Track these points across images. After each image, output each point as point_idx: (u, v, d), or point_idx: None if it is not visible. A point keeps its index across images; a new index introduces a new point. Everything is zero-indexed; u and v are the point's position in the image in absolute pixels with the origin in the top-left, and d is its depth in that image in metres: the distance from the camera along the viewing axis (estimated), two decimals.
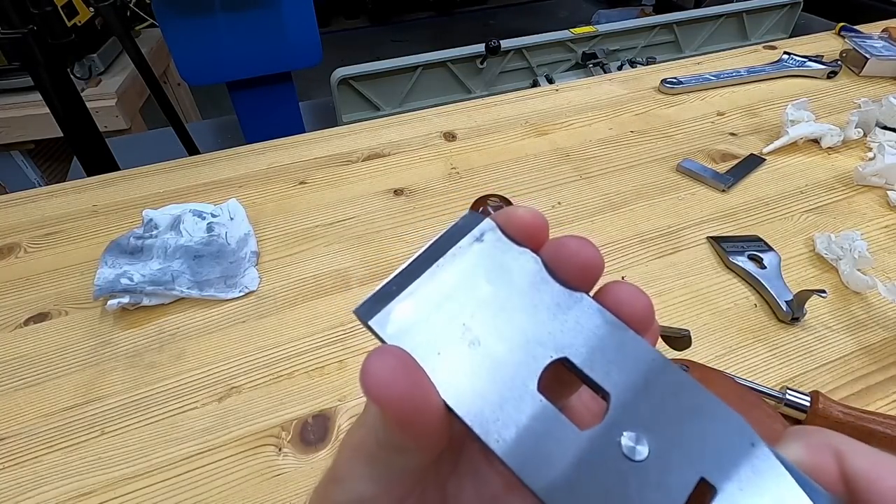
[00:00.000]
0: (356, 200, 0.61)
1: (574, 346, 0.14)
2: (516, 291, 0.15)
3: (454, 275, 0.15)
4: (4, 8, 0.76)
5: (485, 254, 0.15)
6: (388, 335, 0.14)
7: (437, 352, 0.14)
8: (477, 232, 0.16)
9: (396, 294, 0.15)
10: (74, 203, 0.62)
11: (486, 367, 0.14)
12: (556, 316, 0.14)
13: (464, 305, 0.15)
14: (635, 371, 0.14)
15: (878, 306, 0.47)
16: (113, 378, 0.44)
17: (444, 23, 3.49)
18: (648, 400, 0.14)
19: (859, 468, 0.13)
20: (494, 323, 0.14)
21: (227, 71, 1.04)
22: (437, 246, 0.15)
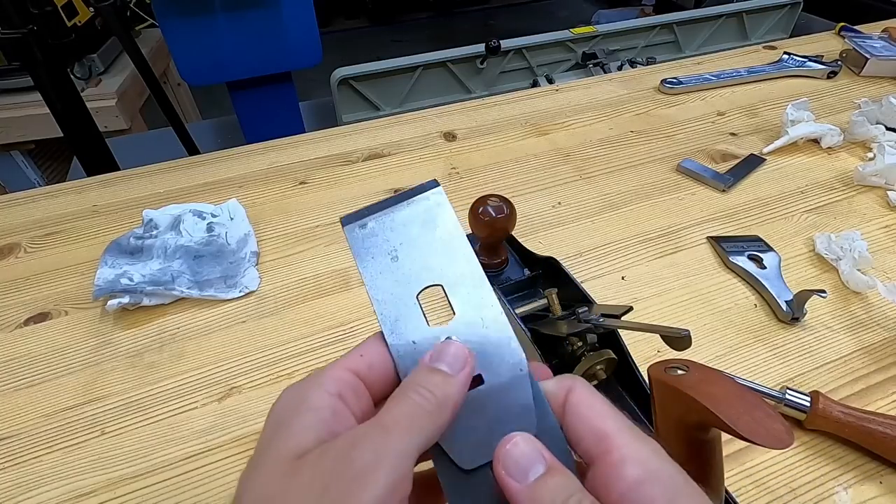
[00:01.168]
0: (356, 200, 0.61)
1: (448, 278, 0.22)
2: (433, 237, 0.22)
3: (403, 216, 0.23)
4: (4, 8, 0.76)
5: (426, 208, 0.23)
6: (351, 237, 0.22)
7: (372, 256, 0.22)
8: (428, 193, 0.23)
9: (367, 216, 0.23)
10: (74, 203, 0.62)
11: (395, 277, 0.22)
12: (450, 259, 0.22)
13: (399, 235, 0.22)
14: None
15: (878, 306, 0.47)
16: (113, 378, 0.44)
17: (444, 23, 3.49)
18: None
19: (575, 398, 0.20)
20: (409, 251, 0.22)
21: (227, 71, 1.04)
22: (402, 196, 0.23)
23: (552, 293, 0.42)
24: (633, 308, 0.38)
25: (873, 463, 0.36)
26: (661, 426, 0.28)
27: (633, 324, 0.36)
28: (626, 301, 0.48)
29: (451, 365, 0.21)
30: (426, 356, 0.21)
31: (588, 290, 0.42)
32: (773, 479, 0.36)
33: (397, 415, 0.19)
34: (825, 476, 0.36)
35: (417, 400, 0.20)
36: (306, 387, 0.21)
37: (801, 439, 0.38)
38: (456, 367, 0.21)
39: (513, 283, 0.44)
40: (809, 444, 0.38)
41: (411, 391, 0.20)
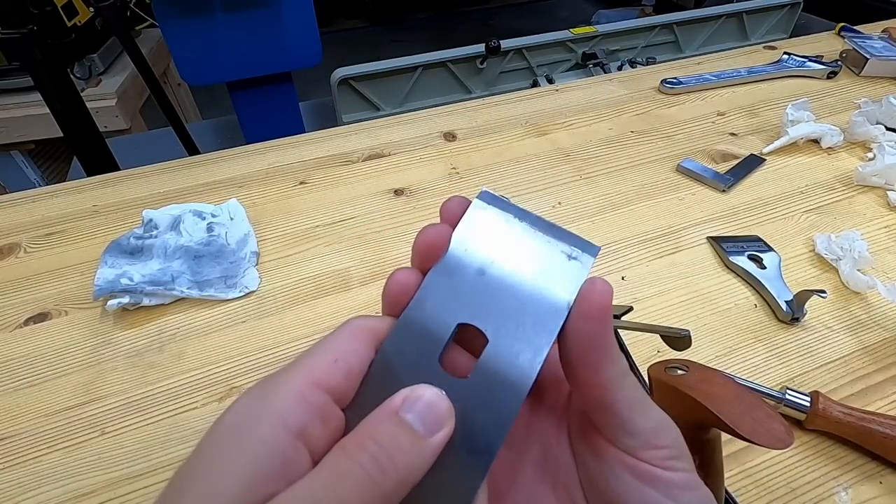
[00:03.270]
0: (356, 200, 0.61)
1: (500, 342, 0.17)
2: (533, 294, 0.18)
3: (533, 246, 0.19)
4: (4, 8, 0.76)
5: (558, 261, 0.18)
6: (472, 211, 0.19)
7: (466, 247, 0.18)
8: (576, 251, 0.19)
9: (506, 209, 0.19)
10: (74, 203, 0.62)
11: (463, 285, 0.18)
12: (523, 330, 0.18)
13: (510, 256, 0.18)
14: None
15: (878, 306, 0.47)
16: (113, 378, 0.44)
17: (444, 23, 3.49)
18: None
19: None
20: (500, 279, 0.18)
21: (227, 71, 1.04)
22: (554, 229, 0.19)
23: None
24: (633, 308, 0.38)
25: (873, 463, 0.36)
26: None
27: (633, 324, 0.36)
28: (626, 301, 0.48)
29: (424, 421, 0.16)
30: (397, 396, 0.16)
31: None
32: (773, 479, 0.36)
33: (340, 495, 0.14)
34: (825, 476, 0.36)
35: (371, 472, 0.14)
36: (258, 410, 0.15)
37: (801, 439, 0.38)
38: (431, 426, 0.16)
39: None
40: (809, 444, 0.38)
41: (363, 453, 0.15)
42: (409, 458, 0.15)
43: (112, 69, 1.40)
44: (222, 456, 0.14)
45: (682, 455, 0.18)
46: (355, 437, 0.15)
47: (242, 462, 0.14)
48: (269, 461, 0.14)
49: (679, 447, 0.18)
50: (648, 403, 0.18)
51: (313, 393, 0.16)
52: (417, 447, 0.15)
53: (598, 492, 0.19)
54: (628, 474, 0.18)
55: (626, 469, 0.18)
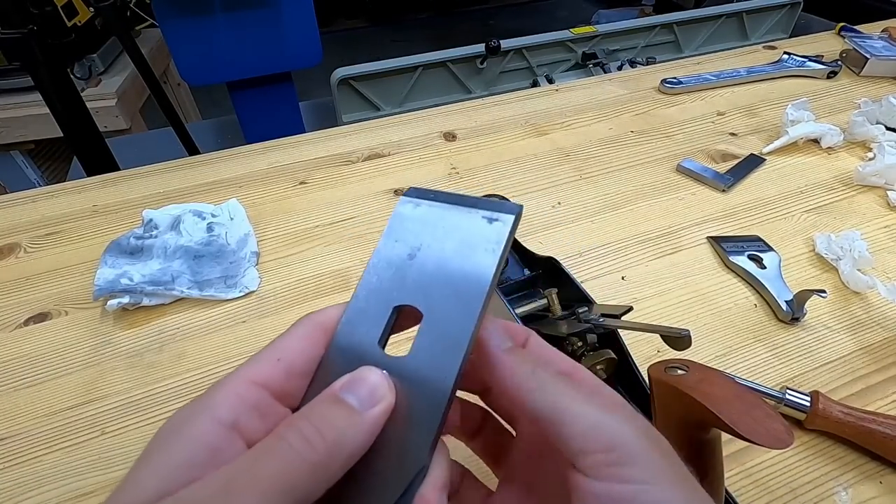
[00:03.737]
0: (356, 200, 0.61)
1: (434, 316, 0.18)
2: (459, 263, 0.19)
3: (455, 220, 0.19)
4: (4, 8, 0.76)
5: (480, 228, 0.19)
6: (399, 209, 0.21)
7: (396, 239, 0.20)
8: (498, 214, 0.19)
9: (428, 199, 0.20)
10: (74, 203, 0.62)
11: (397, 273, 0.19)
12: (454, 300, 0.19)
13: (434, 237, 0.19)
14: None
15: (878, 306, 0.47)
16: (113, 378, 0.44)
17: (444, 23, 3.49)
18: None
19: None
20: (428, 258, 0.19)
21: (227, 71, 1.04)
22: (475, 200, 0.20)
23: (552, 293, 0.42)
24: (633, 308, 0.38)
25: (873, 463, 0.36)
26: (662, 426, 0.28)
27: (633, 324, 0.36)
28: (626, 301, 0.48)
29: (362, 399, 0.16)
30: (338, 382, 0.17)
31: (588, 290, 0.42)
32: (773, 479, 0.36)
33: (259, 468, 0.14)
34: (825, 476, 0.36)
35: (296, 445, 0.15)
36: (195, 408, 0.17)
37: (801, 439, 0.38)
38: (367, 401, 0.16)
39: (513, 282, 0.44)
40: (809, 444, 0.38)
41: (291, 431, 0.15)
42: (341, 432, 0.16)
43: (112, 69, 1.40)
44: (154, 452, 0.15)
45: (634, 461, 0.16)
46: (288, 420, 0.16)
47: (167, 455, 0.15)
48: (194, 450, 0.15)
49: (628, 451, 0.16)
50: (575, 406, 0.17)
51: (249, 389, 0.17)
52: (351, 420, 0.16)
53: None
54: (581, 496, 0.16)
55: (581, 492, 0.16)
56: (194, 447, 0.15)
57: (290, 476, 0.14)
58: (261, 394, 0.17)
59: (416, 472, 0.17)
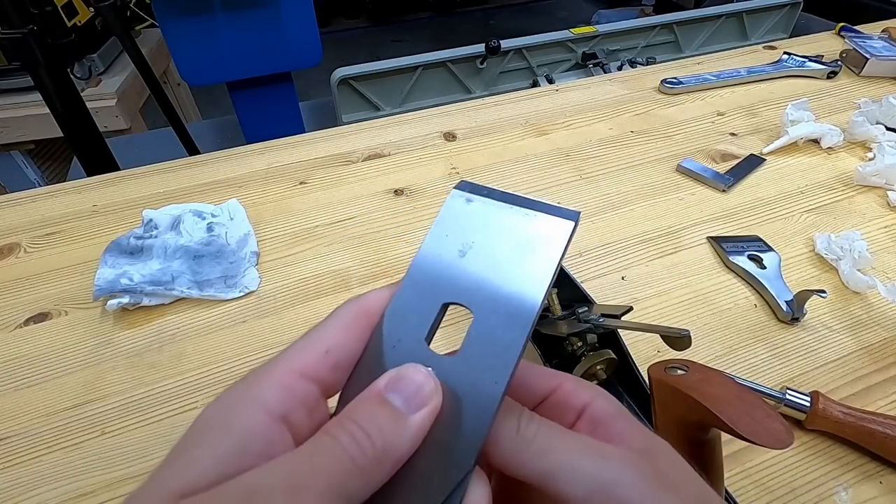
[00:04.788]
0: (356, 200, 0.61)
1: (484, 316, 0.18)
2: (515, 266, 0.18)
3: (510, 221, 0.19)
4: (4, 8, 0.76)
5: (537, 232, 0.19)
6: (449, 203, 0.20)
7: (447, 234, 0.19)
8: (555, 218, 0.19)
9: (482, 195, 0.19)
10: (74, 203, 0.62)
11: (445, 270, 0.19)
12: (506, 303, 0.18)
13: (488, 235, 0.19)
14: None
15: (878, 306, 0.47)
16: (113, 378, 0.44)
17: (444, 23, 3.49)
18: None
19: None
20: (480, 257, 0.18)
21: (227, 71, 1.04)
22: (532, 202, 0.19)
23: (552, 293, 0.42)
24: (633, 308, 0.38)
25: (873, 463, 0.36)
26: (662, 426, 0.28)
27: (633, 324, 0.36)
28: (626, 301, 0.48)
29: (408, 400, 0.16)
30: (382, 379, 0.17)
31: (588, 290, 0.42)
32: (773, 479, 0.36)
33: (318, 467, 0.14)
34: (825, 476, 0.36)
35: (349, 448, 0.15)
36: (241, 396, 0.16)
37: (801, 439, 0.38)
38: (413, 404, 0.16)
39: None
40: (809, 444, 0.38)
41: (343, 432, 0.15)
42: (388, 436, 0.15)
43: (112, 69, 1.40)
44: (206, 435, 0.15)
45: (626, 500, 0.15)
46: (338, 419, 0.16)
47: (224, 439, 0.15)
48: (248, 439, 0.15)
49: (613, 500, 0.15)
50: (569, 465, 0.16)
51: (298, 383, 0.16)
52: (397, 425, 0.16)
53: None
54: None
55: None
56: (248, 436, 0.15)
57: (343, 477, 0.14)
58: (309, 388, 0.17)
59: (461, 477, 0.16)
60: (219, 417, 0.16)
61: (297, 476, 0.14)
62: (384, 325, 0.18)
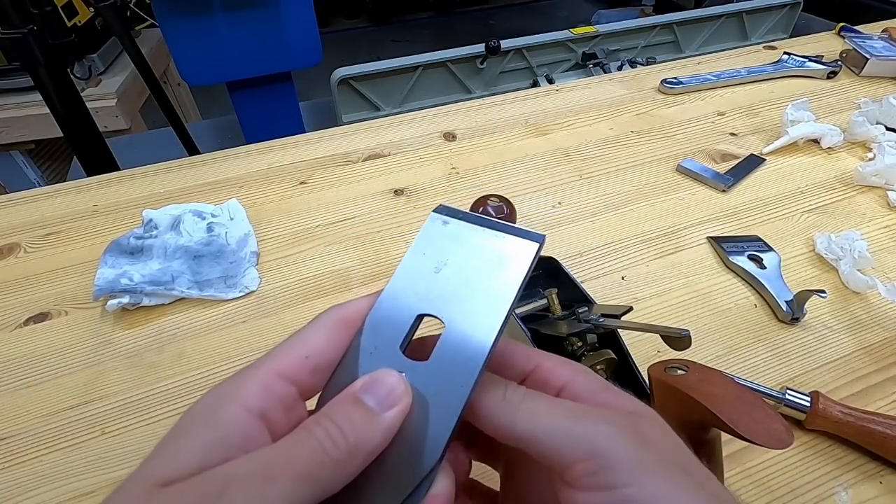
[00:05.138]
0: (356, 200, 0.61)
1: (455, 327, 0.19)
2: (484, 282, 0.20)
3: (482, 241, 0.21)
4: (4, 8, 0.76)
5: (506, 252, 0.20)
6: (428, 225, 0.21)
7: (424, 252, 0.21)
8: (522, 241, 0.20)
9: (457, 217, 0.21)
10: (74, 203, 0.62)
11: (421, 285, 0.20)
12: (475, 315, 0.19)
13: (460, 254, 0.20)
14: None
15: (878, 306, 0.47)
16: (113, 378, 0.44)
17: (444, 23, 3.49)
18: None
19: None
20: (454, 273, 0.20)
21: (227, 71, 1.04)
22: (501, 225, 0.21)
23: (552, 293, 0.42)
24: (633, 308, 0.38)
25: (873, 463, 0.36)
26: None
27: (633, 324, 0.36)
28: (626, 301, 0.48)
29: (380, 400, 0.17)
30: (358, 382, 0.18)
31: (588, 290, 0.42)
32: (773, 479, 0.36)
33: (292, 457, 0.16)
34: (825, 476, 0.36)
35: (323, 441, 0.16)
36: (224, 394, 0.17)
37: (801, 439, 0.38)
38: (385, 404, 0.17)
39: None
40: (809, 444, 0.38)
41: (318, 427, 0.16)
42: (360, 432, 0.17)
43: (112, 69, 1.40)
44: (190, 428, 0.16)
45: (608, 464, 0.16)
46: (314, 416, 0.17)
47: (206, 432, 0.16)
48: (229, 432, 0.16)
49: (601, 455, 0.16)
50: (552, 422, 0.17)
51: (277, 383, 0.18)
52: (370, 422, 0.17)
53: None
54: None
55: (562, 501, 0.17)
56: (229, 429, 0.16)
57: (316, 468, 0.16)
58: (288, 389, 0.18)
59: (425, 473, 0.17)
60: (204, 412, 0.17)
61: (272, 465, 0.15)
62: (363, 333, 0.20)
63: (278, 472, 0.15)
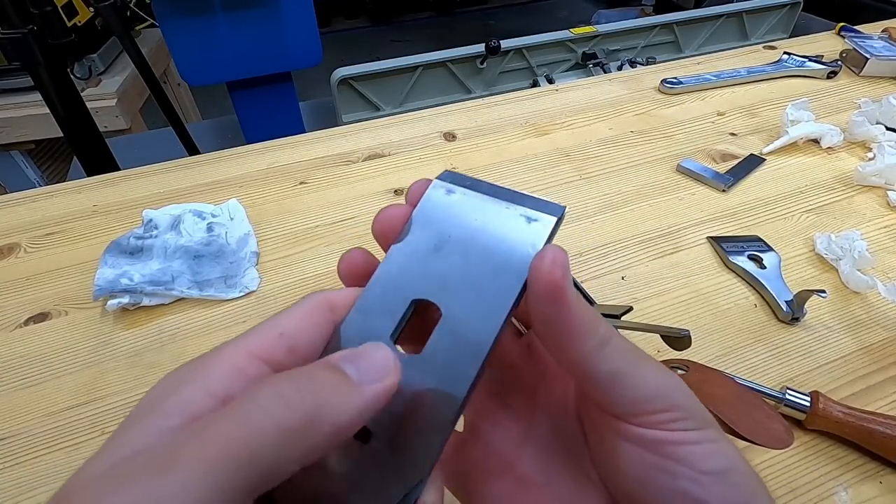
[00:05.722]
0: (356, 200, 0.61)
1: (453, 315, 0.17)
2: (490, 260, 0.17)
3: (491, 213, 0.18)
4: (4, 8, 0.76)
5: (520, 224, 0.18)
6: (428, 195, 0.19)
7: (422, 227, 0.18)
8: (539, 213, 0.18)
9: (464, 186, 0.19)
10: (74, 203, 0.62)
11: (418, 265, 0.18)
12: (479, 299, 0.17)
13: (465, 229, 0.18)
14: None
15: (878, 306, 0.47)
16: (113, 378, 0.44)
17: (444, 23, 3.49)
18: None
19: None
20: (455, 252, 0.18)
21: (227, 71, 1.04)
22: (516, 195, 0.18)
23: None
24: (633, 308, 0.38)
25: (873, 463, 0.36)
26: None
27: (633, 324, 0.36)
28: (626, 301, 0.48)
29: (362, 371, 0.15)
30: (337, 353, 0.15)
31: (588, 290, 0.42)
32: (773, 479, 0.36)
33: (213, 434, 0.12)
34: (825, 476, 0.36)
35: (266, 405, 0.13)
36: (186, 374, 0.15)
37: (801, 439, 0.38)
38: (368, 376, 0.15)
39: None
40: (809, 444, 0.38)
41: (265, 390, 0.13)
42: (326, 396, 0.14)
43: (112, 69, 1.40)
44: (137, 419, 0.14)
45: (689, 416, 0.17)
46: (268, 378, 0.14)
47: (153, 424, 0.13)
48: (182, 422, 0.13)
49: (684, 408, 0.17)
50: (636, 371, 0.17)
51: (249, 363, 0.15)
52: (343, 389, 0.14)
53: (603, 461, 0.19)
54: (623, 441, 0.17)
55: (620, 436, 0.17)
56: (183, 418, 0.14)
57: (251, 443, 0.12)
58: (260, 368, 0.15)
59: (414, 483, 0.15)
60: (157, 398, 0.14)
61: (181, 446, 0.12)
62: (349, 320, 0.18)
63: (188, 454, 0.11)
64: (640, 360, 0.17)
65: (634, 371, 0.17)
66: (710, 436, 0.17)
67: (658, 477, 0.17)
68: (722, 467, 0.17)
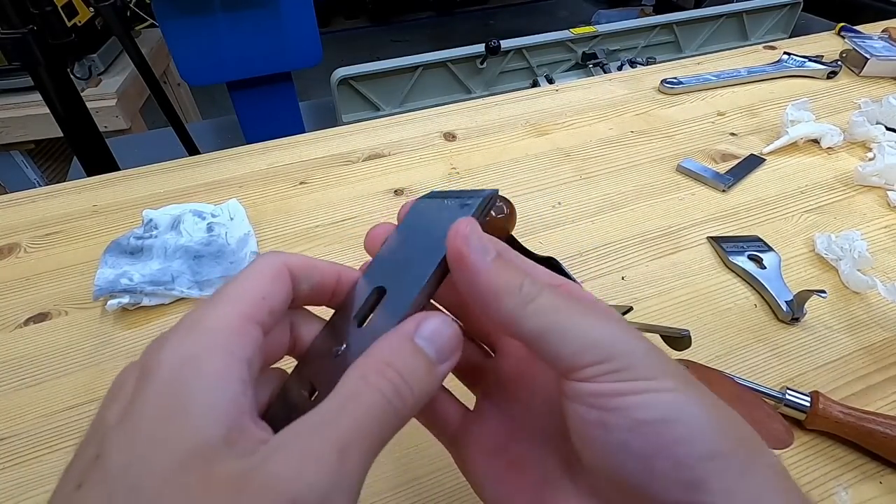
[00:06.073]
0: (356, 200, 0.61)
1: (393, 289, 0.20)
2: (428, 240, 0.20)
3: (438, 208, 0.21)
4: (4, 8, 0.76)
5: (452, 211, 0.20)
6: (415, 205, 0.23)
7: (398, 230, 0.23)
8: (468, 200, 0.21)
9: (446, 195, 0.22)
10: (74, 203, 0.62)
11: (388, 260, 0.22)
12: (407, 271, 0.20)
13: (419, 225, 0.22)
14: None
15: (878, 306, 0.47)
16: (113, 378, 0.44)
17: (444, 23, 3.49)
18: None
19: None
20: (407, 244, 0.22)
21: (227, 71, 1.04)
22: (460, 192, 0.22)
23: None
24: (633, 308, 0.38)
25: (873, 463, 0.36)
26: None
27: (633, 324, 0.36)
28: (626, 301, 0.48)
29: (440, 350, 0.16)
30: (409, 323, 0.17)
31: (588, 290, 0.42)
32: None
33: (360, 424, 0.14)
34: (825, 476, 0.36)
35: (390, 397, 0.15)
36: (199, 344, 0.15)
37: (801, 439, 0.38)
38: (443, 354, 0.16)
39: None
40: (809, 444, 0.38)
41: (381, 378, 0.15)
42: (424, 386, 0.16)
43: (112, 69, 1.40)
44: (186, 399, 0.14)
45: (628, 366, 0.15)
46: (373, 364, 0.16)
47: (207, 398, 0.14)
48: (230, 391, 0.14)
49: (623, 357, 0.15)
50: (568, 325, 0.16)
51: (251, 327, 0.16)
52: (431, 375, 0.16)
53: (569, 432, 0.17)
54: (566, 401, 0.16)
55: (565, 397, 0.17)
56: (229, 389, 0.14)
57: (382, 425, 0.14)
58: (258, 332, 0.16)
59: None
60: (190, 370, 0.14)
61: (338, 438, 0.14)
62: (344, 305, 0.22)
63: (346, 445, 0.13)
64: (576, 314, 0.16)
65: (566, 325, 0.16)
66: (657, 385, 0.15)
67: (594, 432, 0.15)
68: (660, 416, 0.15)
